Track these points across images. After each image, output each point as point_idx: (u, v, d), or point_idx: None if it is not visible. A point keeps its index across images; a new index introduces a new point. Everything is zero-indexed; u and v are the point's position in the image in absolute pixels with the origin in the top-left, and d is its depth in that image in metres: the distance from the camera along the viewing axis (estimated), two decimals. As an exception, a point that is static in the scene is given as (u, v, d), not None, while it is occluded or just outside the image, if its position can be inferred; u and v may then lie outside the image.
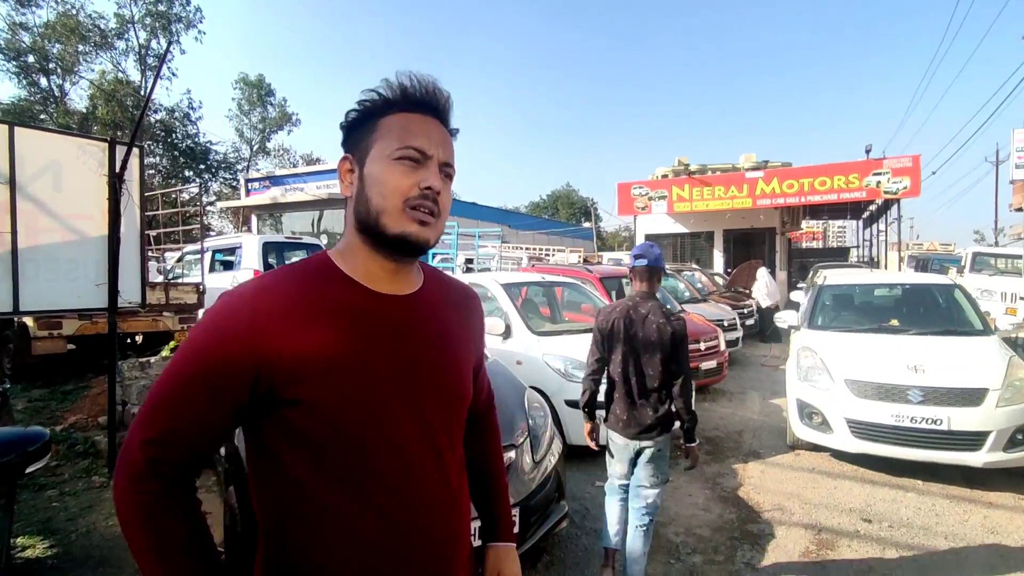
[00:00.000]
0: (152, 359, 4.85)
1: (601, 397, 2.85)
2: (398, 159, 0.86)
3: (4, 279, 3.75)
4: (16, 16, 26.12)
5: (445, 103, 0.93)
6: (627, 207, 17.91)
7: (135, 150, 4.28)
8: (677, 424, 2.70)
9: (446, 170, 0.91)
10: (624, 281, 8.13)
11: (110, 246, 4.10)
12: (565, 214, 57.14)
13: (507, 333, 5.18)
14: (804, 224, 23.27)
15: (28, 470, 1.38)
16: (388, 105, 0.90)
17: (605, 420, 2.80)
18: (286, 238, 9.59)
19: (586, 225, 47.39)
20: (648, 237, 19.62)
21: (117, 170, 4.13)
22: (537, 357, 4.83)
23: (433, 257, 11.93)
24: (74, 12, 27.02)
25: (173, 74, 30.45)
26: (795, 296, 10.23)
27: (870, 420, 4.17)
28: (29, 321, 5.23)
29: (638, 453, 2.68)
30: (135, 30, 29.16)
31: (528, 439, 2.80)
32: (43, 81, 28.00)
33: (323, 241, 22.54)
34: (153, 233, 8.15)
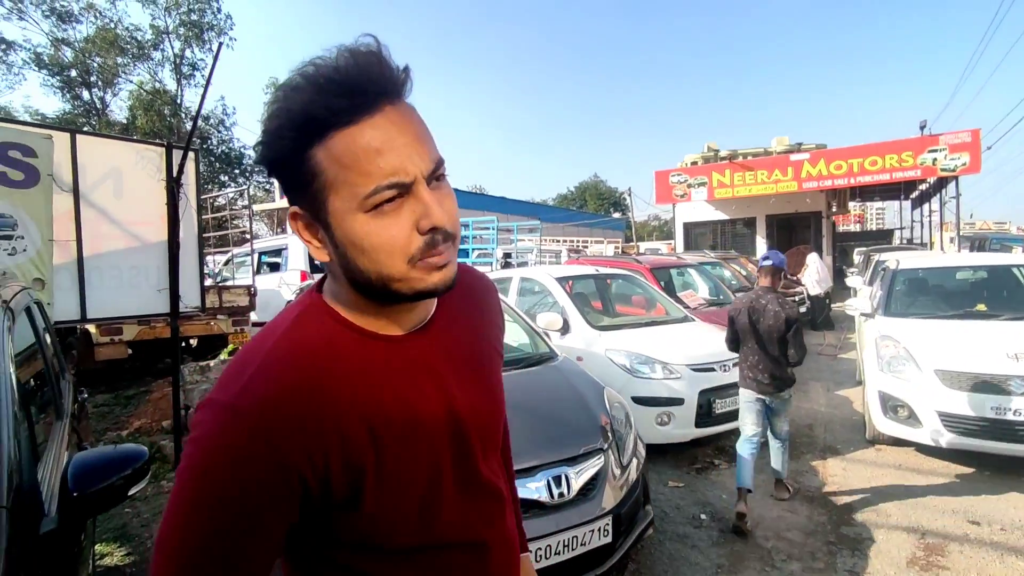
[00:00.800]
0: (211, 363, 4.87)
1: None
2: (375, 208, 0.60)
3: (71, 288, 3.77)
4: (58, 32, 27.02)
5: (386, 70, 0.61)
6: (665, 195, 17.50)
7: (191, 154, 4.26)
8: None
9: (436, 174, 0.64)
10: (675, 272, 7.94)
11: (170, 251, 4.10)
12: (593, 205, 56.54)
13: (565, 328, 5.02)
14: (852, 207, 22.42)
15: (131, 492, 1.28)
16: (309, 131, 0.59)
17: (740, 382, 3.63)
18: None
19: (616, 216, 46.83)
20: (687, 225, 19.16)
21: (175, 174, 4.13)
22: (599, 353, 4.67)
23: (472, 253, 11.85)
24: (112, 26, 27.78)
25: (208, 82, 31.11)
26: (852, 282, 9.79)
27: (966, 413, 3.87)
28: (91, 327, 5.33)
29: (767, 406, 3.55)
30: (169, 40, 29.86)
31: (614, 442, 2.64)
32: (85, 94, 28.93)
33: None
34: (216, 234, 8.25)
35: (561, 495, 2.27)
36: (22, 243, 3.46)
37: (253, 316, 6.82)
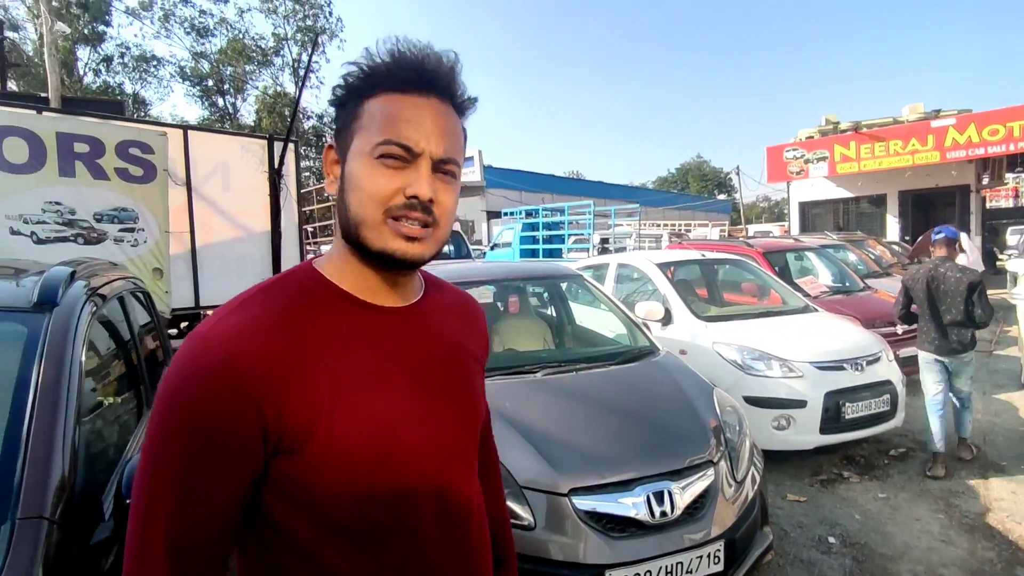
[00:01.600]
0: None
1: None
2: (380, 157, 0.70)
3: (186, 277, 4.01)
4: (197, 46, 30.03)
5: (447, 75, 0.74)
6: (779, 173, 16.08)
7: (290, 145, 4.37)
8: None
9: (444, 167, 0.72)
10: (792, 256, 7.18)
11: (273, 240, 4.24)
12: (696, 187, 53.75)
13: (667, 319, 4.63)
14: (1009, 179, 19.40)
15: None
16: (371, 83, 0.72)
17: (918, 345, 3.95)
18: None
19: (720, 197, 44.20)
20: (804, 205, 17.50)
21: (276, 165, 4.25)
22: (706, 346, 4.25)
23: (568, 239, 11.55)
24: (241, 36, 30.37)
25: (320, 82, 33.19)
26: (1014, 266, 8.34)
27: None
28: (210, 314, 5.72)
29: (947, 368, 3.81)
30: (288, 46, 32.08)
31: (726, 453, 2.30)
32: (220, 101, 31.90)
33: (456, 228, 23.40)
34: (310, 228, 8.68)
35: (664, 514, 1.99)
36: (143, 235, 3.70)
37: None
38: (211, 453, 0.62)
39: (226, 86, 31.57)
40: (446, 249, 9.70)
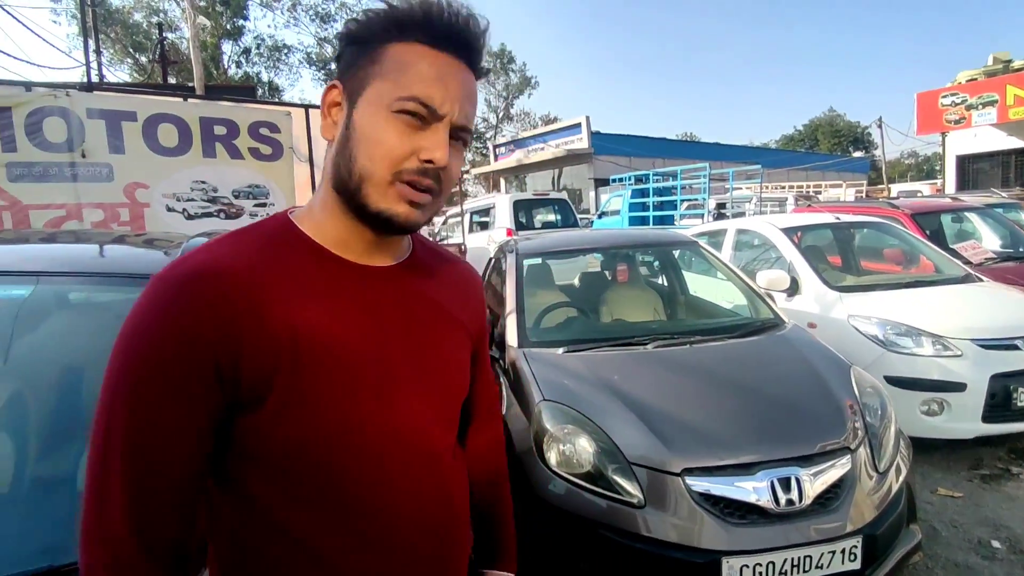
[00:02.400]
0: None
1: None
2: (398, 112, 0.65)
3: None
4: (321, 32, 31.99)
5: (478, 40, 0.70)
6: (932, 122, 14.08)
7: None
8: None
9: (460, 135, 0.70)
10: (948, 218, 6.23)
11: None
12: (827, 145, 48.58)
13: (793, 289, 4.23)
14: None
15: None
16: (401, 28, 0.67)
17: None
18: (534, 194, 9.75)
19: (857, 155, 39.64)
20: (963, 159, 15.17)
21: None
22: (840, 319, 3.82)
23: (680, 204, 10.96)
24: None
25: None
26: None
27: None
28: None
29: None
30: (401, 24, 33.19)
31: (865, 439, 2.04)
32: (327, 86, 33.99)
33: (562, 195, 23.19)
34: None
35: (790, 502, 1.81)
36: (273, 209, 4.00)
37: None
38: (164, 388, 0.60)
39: (327, 70, 33.43)
40: (553, 218, 9.62)
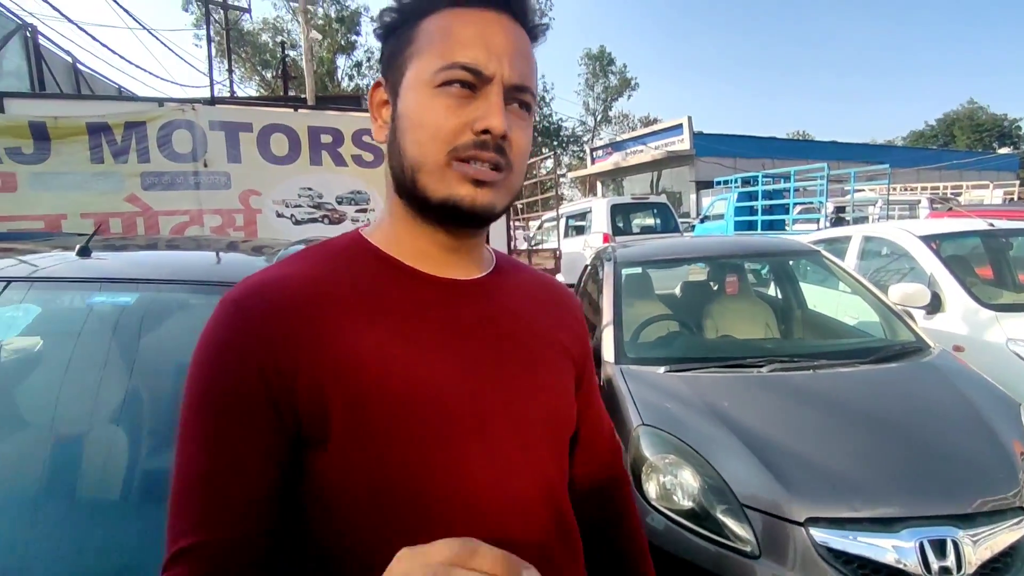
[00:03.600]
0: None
1: None
2: (441, 85, 0.56)
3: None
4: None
5: (528, 3, 0.61)
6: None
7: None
8: None
9: (518, 97, 0.59)
10: None
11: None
12: (965, 141, 43.20)
13: (934, 305, 3.69)
14: None
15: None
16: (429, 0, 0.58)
17: None
18: (632, 198, 9.43)
19: (1003, 151, 34.93)
20: None
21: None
22: (996, 343, 3.26)
23: (793, 208, 10.11)
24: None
25: (534, 61, 34.60)
26: None
27: None
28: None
29: None
30: (500, 31, 33.87)
31: (1047, 498, 1.67)
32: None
33: (661, 198, 22.37)
34: (519, 203, 8.97)
35: (946, 571, 1.50)
36: (373, 215, 4.10)
37: (559, 278, 7.11)
38: (230, 418, 0.53)
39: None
40: (652, 222, 9.24)
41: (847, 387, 2.17)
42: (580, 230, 9.47)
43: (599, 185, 27.76)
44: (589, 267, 3.93)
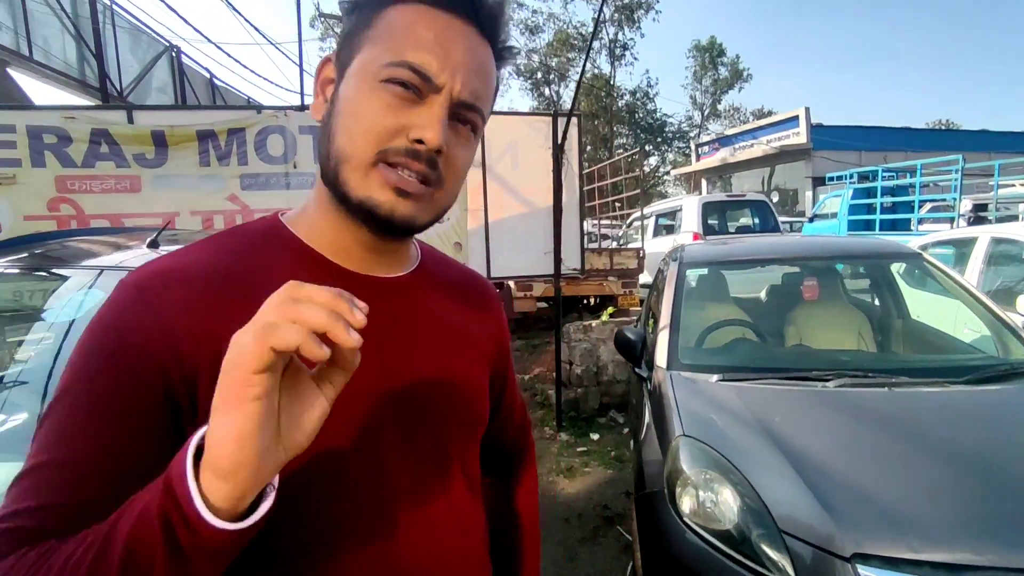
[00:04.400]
0: (593, 323, 5.07)
1: None
2: (386, 81, 0.54)
3: (480, 250, 4.45)
4: (528, 44, 33.77)
5: (496, 18, 0.59)
6: None
7: (573, 119, 4.39)
8: None
9: (464, 115, 0.57)
10: None
11: (555, 215, 4.35)
12: None
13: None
14: None
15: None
16: None
17: None
18: (727, 196, 8.87)
19: None
20: None
21: (559, 141, 4.33)
22: None
23: (920, 206, 8.98)
24: (565, 27, 32.89)
25: (635, 58, 33.72)
26: None
27: None
28: (511, 284, 6.33)
29: None
30: (605, 28, 33.25)
31: None
32: (546, 91, 35.23)
33: (775, 199, 20.81)
34: (609, 200, 8.78)
35: (1020, 634, 1.26)
36: (447, 213, 4.22)
37: (642, 278, 6.88)
38: (104, 396, 0.50)
39: (552, 76, 34.61)
40: (750, 221, 8.66)
41: (927, 409, 1.89)
42: (670, 229, 9.08)
43: (704, 183, 26.51)
44: (659, 268, 3.76)
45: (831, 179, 10.44)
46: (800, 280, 3.22)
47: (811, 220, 10.92)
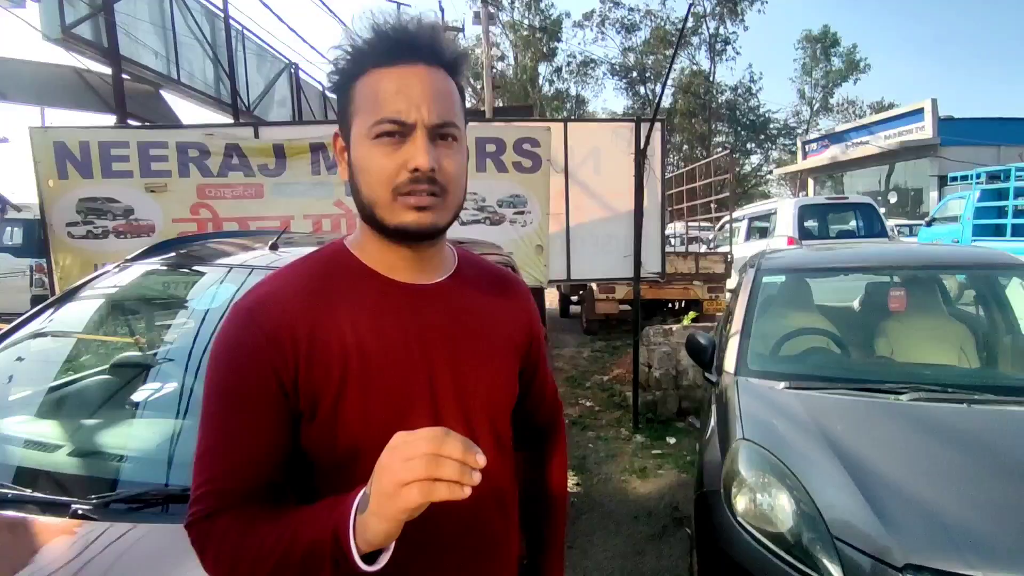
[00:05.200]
0: (674, 327, 5.05)
1: None
2: (377, 137, 0.70)
3: (561, 252, 4.58)
4: (625, 43, 33.31)
5: (428, 37, 0.72)
6: None
7: (656, 125, 4.42)
8: None
9: (442, 131, 0.72)
10: None
11: (635, 219, 4.41)
12: None
13: None
14: None
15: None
16: (358, 63, 0.73)
17: None
18: (827, 199, 8.31)
19: None
20: None
21: (641, 146, 4.38)
22: None
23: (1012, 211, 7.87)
24: (662, 24, 31.99)
25: (737, 52, 32.15)
26: None
27: None
28: (593, 286, 6.42)
29: None
30: (706, 23, 32.02)
31: None
32: (641, 89, 34.53)
33: (892, 200, 19.06)
34: (698, 203, 8.57)
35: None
36: (529, 217, 4.40)
37: (730, 283, 6.68)
38: (238, 398, 0.70)
39: (647, 74, 33.86)
40: (853, 225, 8.10)
41: (1005, 428, 1.81)
42: (763, 232, 8.68)
43: (811, 182, 24.83)
44: (740, 273, 3.71)
45: (954, 179, 9.46)
46: (892, 290, 3.08)
47: (929, 224, 9.95)
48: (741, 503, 1.82)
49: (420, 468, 0.54)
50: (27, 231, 6.49)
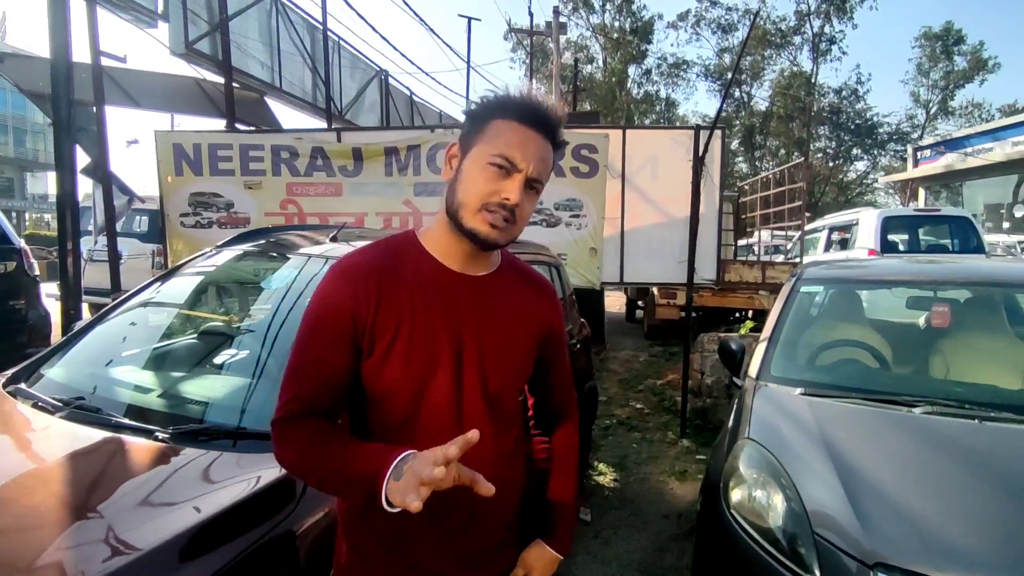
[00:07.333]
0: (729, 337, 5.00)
1: None
2: (490, 163, 0.93)
3: (615, 256, 4.70)
4: (721, 43, 32.10)
5: (555, 121, 0.98)
6: None
7: (716, 132, 4.43)
8: None
9: (534, 184, 0.96)
10: None
11: (691, 226, 4.44)
12: None
13: None
14: None
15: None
16: (503, 109, 0.96)
17: None
18: (916, 211, 7.71)
19: None
20: None
21: (700, 154, 4.40)
22: None
23: None
24: (762, 23, 30.39)
25: (843, 52, 30.09)
26: None
27: None
28: (655, 291, 6.42)
29: None
30: (810, 21, 30.25)
31: None
32: (735, 92, 33.03)
33: (1018, 214, 17.13)
34: (759, 212, 8.29)
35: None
36: (584, 220, 4.56)
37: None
38: (323, 332, 0.96)
39: (743, 76, 32.38)
40: (947, 240, 7.49)
41: (1010, 444, 1.78)
42: (844, 244, 8.22)
43: (921, 191, 22.83)
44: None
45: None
46: (948, 307, 2.96)
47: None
48: (735, 497, 1.91)
49: (424, 493, 0.76)
50: (151, 220, 7.47)
